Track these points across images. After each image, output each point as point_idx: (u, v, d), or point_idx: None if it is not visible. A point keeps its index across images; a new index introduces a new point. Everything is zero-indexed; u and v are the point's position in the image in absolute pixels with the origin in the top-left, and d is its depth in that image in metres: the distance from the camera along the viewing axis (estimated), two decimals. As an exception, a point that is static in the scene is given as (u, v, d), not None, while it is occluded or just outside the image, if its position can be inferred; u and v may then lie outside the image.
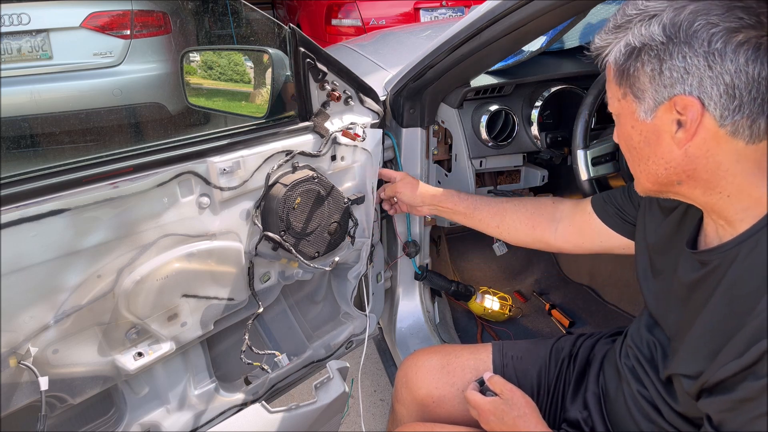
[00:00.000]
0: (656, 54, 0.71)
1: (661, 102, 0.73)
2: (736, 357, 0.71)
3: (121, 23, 3.61)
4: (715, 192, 0.76)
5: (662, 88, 0.72)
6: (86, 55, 3.54)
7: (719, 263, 0.79)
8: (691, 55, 0.68)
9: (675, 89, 0.71)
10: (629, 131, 0.81)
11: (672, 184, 0.80)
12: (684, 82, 0.70)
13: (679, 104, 0.71)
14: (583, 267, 2.33)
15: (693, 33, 0.68)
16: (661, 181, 0.80)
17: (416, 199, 1.41)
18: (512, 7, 1.03)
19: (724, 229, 0.79)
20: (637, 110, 0.77)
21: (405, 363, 1.36)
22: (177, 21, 3.94)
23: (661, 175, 0.79)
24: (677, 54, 0.69)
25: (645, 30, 0.72)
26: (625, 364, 1.05)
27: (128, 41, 3.62)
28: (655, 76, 0.72)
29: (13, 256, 0.91)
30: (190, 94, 1.51)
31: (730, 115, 0.69)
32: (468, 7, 4.70)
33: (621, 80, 0.78)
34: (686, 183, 0.78)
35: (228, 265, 1.22)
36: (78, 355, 1.06)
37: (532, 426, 1.05)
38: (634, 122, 0.79)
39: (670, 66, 0.70)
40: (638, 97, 0.76)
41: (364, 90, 1.40)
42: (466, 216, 1.39)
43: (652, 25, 0.71)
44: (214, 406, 1.33)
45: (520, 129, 1.57)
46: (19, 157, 3.52)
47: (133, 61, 3.64)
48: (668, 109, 0.73)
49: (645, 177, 0.83)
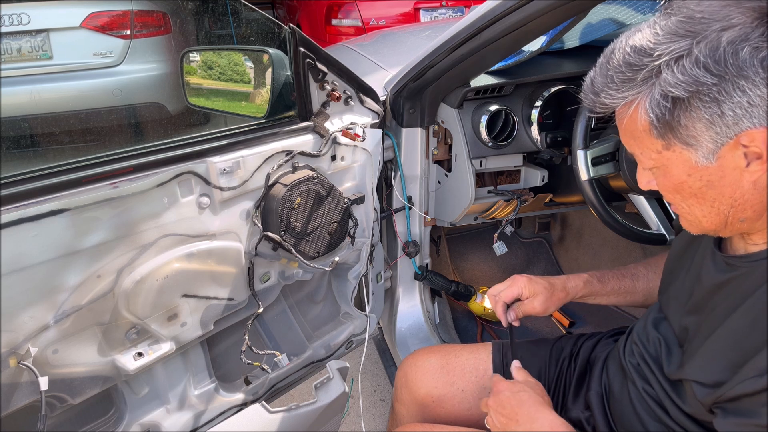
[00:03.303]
0: (712, 97, 0.66)
1: (723, 142, 0.68)
2: (758, 374, 0.68)
3: (121, 23, 3.61)
4: None
5: (725, 128, 0.67)
6: (86, 55, 3.54)
7: (749, 271, 0.76)
8: (750, 86, 0.64)
9: (741, 126, 0.66)
10: (684, 180, 0.75)
11: (736, 222, 0.75)
12: (750, 115, 0.65)
13: (746, 138, 0.67)
14: (583, 267, 2.33)
15: (743, 63, 0.63)
16: (725, 220, 0.75)
17: (551, 307, 1.19)
18: (512, 7, 1.03)
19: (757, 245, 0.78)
20: (692, 157, 0.72)
21: (405, 363, 1.36)
22: (177, 21, 3.94)
23: (726, 213, 0.74)
24: (735, 90, 0.64)
25: (682, 75, 0.66)
26: (629, 362, 1.04)
27: (128, 41, 3.62)
28: (715, 120, 0.67)
29: (13, 256, 0.91)
30: (190, 94, 1.51)
31: None
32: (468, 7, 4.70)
33: (663, 133, 0.72)
34: (750, 219, 0.74)
35: (228, 265, 1.22)
36: (78, 355, 1.06)
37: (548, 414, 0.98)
38: (691, 170, 0.73)
39: (733, 105, 0.65)
40: (690, 144, 0.71)
41: (364, 90, 1.39)
42: (612, 297, 1.23)
43: (689, 67, 0.65)
44: (214, 406, 1.33)
45: (520, 129, 1.57)
46: (19, 157, 3.52)
47: (133, 61, 3.64)
48: (734, 146, 0.68)
49: (708, 220, 0.77)
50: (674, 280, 0.96)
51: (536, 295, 1.17)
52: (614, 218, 1.34)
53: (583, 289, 1.20)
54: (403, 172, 1.60)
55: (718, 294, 0.82)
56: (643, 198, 1.39)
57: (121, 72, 3.63)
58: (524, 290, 1.18)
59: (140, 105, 3.80)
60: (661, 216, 1.38)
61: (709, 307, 0.84)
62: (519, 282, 1.18)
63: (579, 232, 2.38)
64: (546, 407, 0.99)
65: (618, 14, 1.44)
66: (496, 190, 1.66)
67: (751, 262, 0.77)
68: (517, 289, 1.18)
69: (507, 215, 1.72)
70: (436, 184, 1.67)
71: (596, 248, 2.28)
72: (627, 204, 1.50)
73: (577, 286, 1.20)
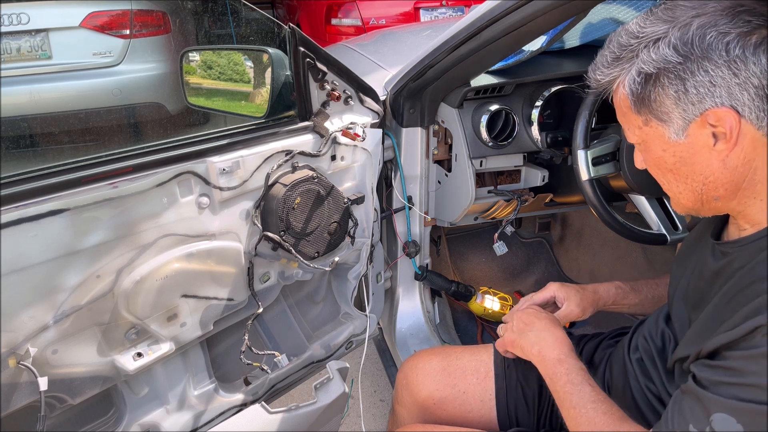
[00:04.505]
0: (676, 75, 0.72)
1: (692, 119, 0.73)
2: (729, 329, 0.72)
3: (121, 23, 3.60)
4: (750, 199, 0.77)
5: (690, 105, 0.72)
6: (86, 54, 3.54)
7: (738, 256, 0.79)
8: (713, 67, 0.69)
9: (705, 104, 0.71)
10: (660, 155, 0.80)
11: (710, 200, 0.80)
12: (712, 95, 0.70)
13: (712, 117, 0.71)
14: (583, 267, 2.33)
15: (708, 46, 0.68)
16: (700, 198, 0.80)
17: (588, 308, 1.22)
18: (512, 7, 1.03)
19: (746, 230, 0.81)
20: (665, 133, 0.77)
21: (405, 365, 1.36)
22: (177, 21, 3.94)
23: (699, 191, 0.79)
24: (698, 70, 0.70)
25: (655, 54, 0.72)
26: (633, 358, 1.05)
27: (128, 41, 3.62)
28: (680, 96, 0.73)
29: (13, 256, 0.91)
30: (189, 93, 1.51)
31: (765, 116, 0.69)
32: (468, 7, 4.70)
33: (640, 108, 0.79)
34: (723, 197, 0.78)
35: (228, 266, 1.22)
36: (77, 355, 1.06)
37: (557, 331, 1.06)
38: (665, 145, 0.79)
39: (695, 83, 0.71)
40: (664, 120, 0.76)
41: (364, 90, 1.39)
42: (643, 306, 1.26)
43: (661, 48, 0.72)
44: (213, 407, 1.33)
45: (520, 129, 1.57)
46: (18, 157, 3.52)
47: (132, 61, 3.64)
48: (701, 124, 0.73)
49: (685, 197, 0.83)
50: (681, 276, 0.98)
51: (570, 298, 1.21)
52: (614, 218, 1.34)
53: (615, 294, 1.23)
54: (403, 172, 1.60)
55: (715, 283, 0.84)
56: (644, 198, 1.39)
57: (120, 72, 3.63)
58: (557, 292, 1.22)
59: (140, 105, 3.80)
60: (661, 216, 1.38)
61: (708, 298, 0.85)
62: (551, 286, 1.24)
63: (579, 232, 2.38)
64: (558, 326, 1.09)
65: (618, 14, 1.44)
66: (496, 190, 1.66)
67: (740, 246, 0.79)
68: (549, 292, 1.23)
69: (507, 215, 1.72)
70: (436, 184, 1.67)
71: (596, 248, 2.28)
72: (627, 204, 1.50)
73: (609, 290, 1.23)
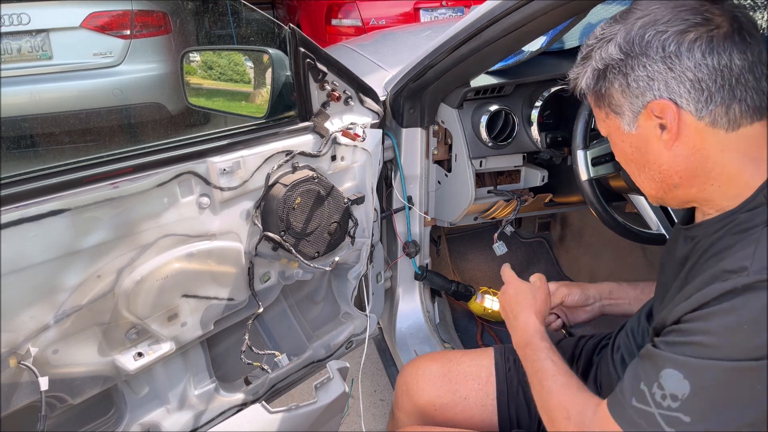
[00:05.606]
0: (619, 70, 0.79)
1: (638, 111, 0.80)
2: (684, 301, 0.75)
3: (121, 23, 3.60)
4: (708, 185, 0.80)
5: (635, 98, 0.79)
6: (86, 55, 3.54)
7: (701, 239, 0.83)
8: (650, 63, 0.76)
9: (646, 97, 0.78)
10: (621, 146, 0.87)
11: (670, 188, 0.84)
12: (651, 88, 0.77)
13: (656, 109, 0.78)
14: (583, 267, 2.33)
15: (647, 44, 0.76)
16: (661, 186, 0.85)
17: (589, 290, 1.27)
18: (512, 7, 1.03)
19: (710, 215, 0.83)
20: (621, 124, 0.84)
21: (405, 370, 1.35)
22: (177, 21, 3.94)
23: (658, 179, 0.84)
24: (637, 65, 0.77)
25: (604, 53, 0.80)
26: (616, 357, 1.06)
27: (128, 41, 3.62)
28: (624, 90, 0.80)
29: (13, 256, 0.91)
30: (190, 94, 1.51)
31: (704, 107, 0.75)
32: (468, 7, 4.70)
33: (599, 102, 0.86)
34: (681, 185, 0.82)
35: (228, 265, 1.22)
36: (78, 355, 1.06)
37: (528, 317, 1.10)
38: (623, 136, 0.85)
39: (635, 77, 0.78)
40: (618, 113, 0.83)
41: (364, 90, 1.39)
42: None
43: (610, 47, 0.80)
44: (214, 406, 1.33)
45: (520, 129, 1.57)
46: (19, 157, 3.52)
47: (133, 61, 3.64)
48: (647, 116, 0.79)
49: (647, 185, 0.88)
50: (663, 271, 0.99)
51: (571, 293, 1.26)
52: (614, 218, 1.34)
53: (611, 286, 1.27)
54: (403, 172, 1.60)
55: (683, 268, 0.86)
56: (643, 198, 1.39)
57: (121, 72, 3.63)
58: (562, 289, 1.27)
59: (140, 105, 3.80)
60: (661, 216, 1.38)
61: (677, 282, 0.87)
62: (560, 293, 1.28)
63: (579, 232, 2.38)
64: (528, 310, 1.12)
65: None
66: (496, 190, 1.66)
67: (703, 229, 0.83)
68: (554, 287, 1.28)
69: (507, 215, 1.72)
70: (436, 184, 1.67)
71: (596, 248, 2.28)
72: (627, 204, 1.50)
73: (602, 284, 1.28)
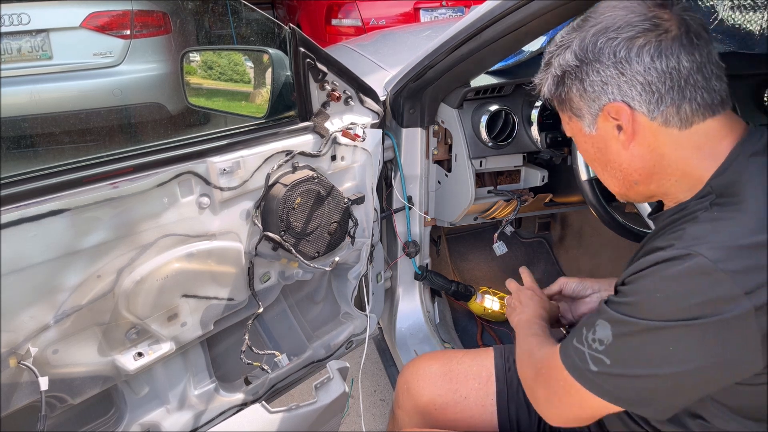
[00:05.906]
0: (576, 76, 0.85)
1: (596, 114, 0.85)
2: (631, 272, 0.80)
3: (121, 23, 3.60)
4: (665, 180, 0.86)
5: (591, 102, 0.85)
6: (86, 55, 3.54)
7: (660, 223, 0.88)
8: (603, 68, 0.81)
9: (602, 100, 0.83)
10: (585, 146, 0.93)
11: (631, 185, 0.90)
12: (606, 92, 0.82)
13: (612, 111, 0.83)
14: (583, 267, 2.33)
15: (599, 50, 0.81)
16: (623, 183, 0.90)
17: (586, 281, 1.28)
18: (512, 7, 1.03)
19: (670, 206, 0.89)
20: (582, 126, 0.89)
21: (406, 370, 1.35)
22: (177, 21, 3.94)
23: (620, 177, 0.89)
24: (592, 71, 0.82)
25: (562, 60, 0.86)
26: None
27: (128, 41, 3.62)
28: (582, 94, 0.85)
29: (13, 256, 0.91)
30: (190, 94, 1.51)
31: (655, 107, 0.80)
32: (468, 7, 4.70)
33: (561, 106, 0.91)
34: (641, 182, 0.88)
35: (228, 265, 1.22)
36: (78, 355, 1.06)
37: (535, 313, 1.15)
38: (585, 137, 0.91)
39: (590, 82, 0.83)
40: (579, 116, 0.89)
41: (364, 90, 1.40)
42: None
43: (567, 54, 0.85)
44: (214, 406, 1.33)
45: (520, 129, 1.57)
46: (19, 157, 3.52)
47: (133, 61, 3.64)
48: (604, 118, 0.85)
49: (611, 183, 0.94)
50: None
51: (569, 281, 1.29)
52: (614, 218, 1.34)
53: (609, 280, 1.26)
54: (403, 172, 1.60)
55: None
56: (643, 198, 1.39)
57: (121, 72, 3.63)
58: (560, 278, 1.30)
59: (140, 105, 3.80)
60: (661, 216, 1.38)
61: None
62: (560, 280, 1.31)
63: (579, 232, 2.38)
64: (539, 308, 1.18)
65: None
66: (496, 190, 1.66)
67: (662, 218, 0.88)
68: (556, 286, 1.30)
69: (507, 215, 1.72)
70: (436, 184, 1.67)
71: (596, 248, 2.28)
72: (627, 204, 1.50)
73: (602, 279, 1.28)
